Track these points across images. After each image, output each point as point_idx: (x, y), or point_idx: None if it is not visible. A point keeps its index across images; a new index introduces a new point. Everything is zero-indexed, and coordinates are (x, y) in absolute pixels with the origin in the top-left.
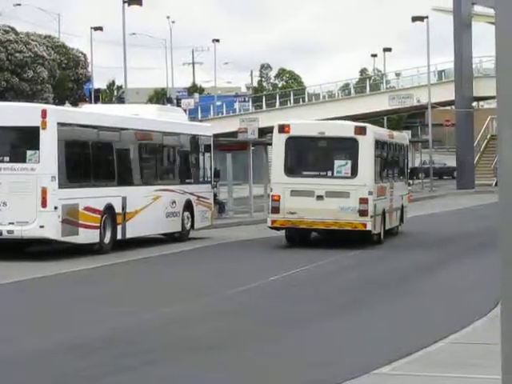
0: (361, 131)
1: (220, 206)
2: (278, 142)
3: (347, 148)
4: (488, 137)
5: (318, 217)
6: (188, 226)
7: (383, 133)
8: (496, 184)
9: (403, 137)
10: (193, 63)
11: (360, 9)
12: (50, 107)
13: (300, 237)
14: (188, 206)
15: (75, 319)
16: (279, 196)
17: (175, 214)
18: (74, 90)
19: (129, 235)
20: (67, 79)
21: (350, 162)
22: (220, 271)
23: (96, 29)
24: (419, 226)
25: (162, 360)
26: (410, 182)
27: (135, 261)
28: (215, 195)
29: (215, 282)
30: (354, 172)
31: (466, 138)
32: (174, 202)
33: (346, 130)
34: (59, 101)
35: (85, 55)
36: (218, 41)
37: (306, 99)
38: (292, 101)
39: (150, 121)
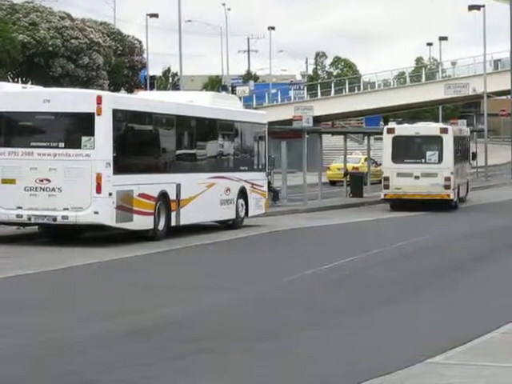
0: (444, 131)
1: (274, 194)
2: (387, 139)
3: (435, 143)
4: None
5: (416, 191)
6: (242, 213)
7: (458, 129)
8: None
9: (463, 128)
10: (248, 51)
11: None
12: (105, 93)
13: (400, 205)
14: (242, 194)
15: (132, 305)
16: (388, 177)
17: (229, 201)
18: (130, 77)
19: (183, 222)
20: (122, 66)
21: (437, 153)
22: (275, 259)
23: (152, 15)
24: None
25: (217, 347)
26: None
27: (189, 247)
28: (269, 183)
29: (268, 269)
30: (440, 159)
31: None
32: (229, 189)
33: (434, 130)
34: (114, 87)
35: (140, 42)
36: (273, 28)
37: (362, 87)
38: (347, 89)
39: (204, 108)
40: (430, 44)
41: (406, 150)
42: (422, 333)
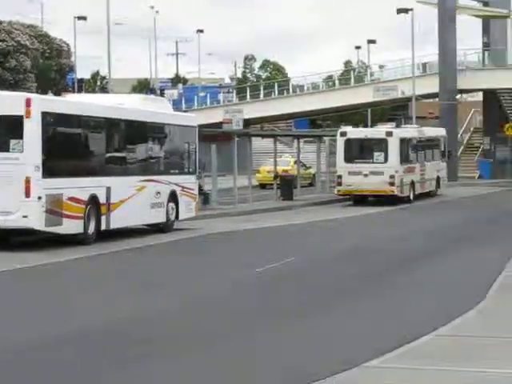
0: (389, 134)
1: (204, 197)
2: (340, 142)
3: (382, 144)
4: (471, 130)
5: (365, 187)
6: (172, 216)
7: (411, 131)
8: (479, 177)
9: (438, 131)
10: (176, 54)
11: (344, 0)
12: (34, 96)
13: (359, 200)
14: (173, 197)
15: (61, 310)
16: (341, 175)
17: (160, 204)
18: (57, 80)
19: (113, 226)
20: (50, 69)
21: (383, 153)
22: (207, 262)
23: (80, 18)
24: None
25: (157, 352)
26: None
27: (120, 251)
28: (200, 186)
29: (200, 273)
30: (386, 159)
31: (450, 131)
32: (159, 192)
33: (380, 133)
34: (42, 90)
35: (68, 45)
36: (201, 31)
37: (291, 91)
38: (276, 92)
39: (134, 111)
40: (358, 47)
41: (356, 151)
42: (358, 336)
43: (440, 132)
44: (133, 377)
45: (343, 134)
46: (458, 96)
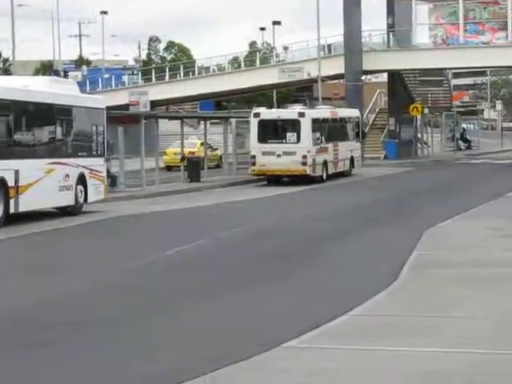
0: (301, 115)
1: (112, 180)
2: (253, 122)
3: (294, 125)
4: (377, 110)
5: (278, 167)
6: (81, 199)
7: (323, 112)
8: (385, 157)
9: (352, 112)
10: (80, 35)
11: None
12: None
13: (274, 180)
14: (81, 180)
15: None
16: (255, 155)
17: (68, 187)
18: None
19: (22, 209)
20: None
21: (295, 134)
22: (117, 245)
23: None
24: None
25: (61, 337)
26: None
27: (29, 235)
28: (107, 169)
29: (112, 255)
30: (298, 140)
31: None
32: (67, 175)
33: (293, 114)
34: None
35: None
36: (105, 13)
37: (196, 72)
38: (182, 74)
39: (41, 93)
40: (263, 29)
41: (269, 131)
42: (275, 317)
43: (354, 113)
44: (38, 361)
45: (257, 114)
46: (364, 77)
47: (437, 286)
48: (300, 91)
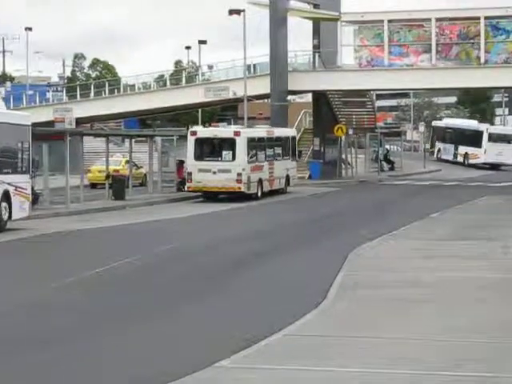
0: (237, 134)
1: (34, 197)
2: (190, 140)
3: (230, 143)
4: (302, 130)
5: (214, 184)
6: (5, 216)
7: (259, 131)
8: (309, 177)
9: (288, 131)
10: (3, 51)
11: (174, 0)
12: None
13: (211, 197)
14: (6, 197)
15: None
16: (191, 172)
17: None
18: None
19: None
20: None
21: (231, 152)
22: (43, 263)
23: None
24: None
25: None
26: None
27: None
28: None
29: (38, 274)
30: (234, 157)
31: None
32: None
33: (229, 133)
34: None
35: None
36: (30, 29)
37: (122, 90)
38: (107, 91)
39: None
40: (188, 47)
41: (206, 149)
42: (206, 337)
43: (290, 132)
44: None
45: (193, 133)
46: (289, 97)
47: (365, 306)
48: (225, 110)
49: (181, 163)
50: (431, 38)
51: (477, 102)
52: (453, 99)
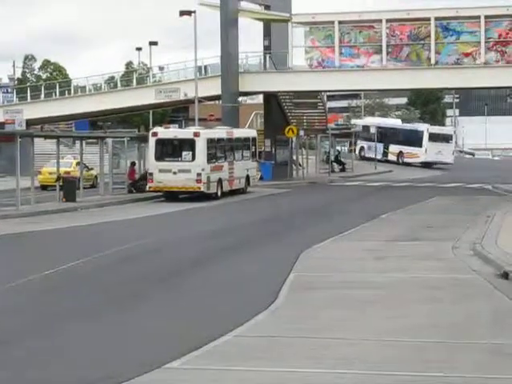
0: (196, 134)
1: None
2: (151, 141)
3: (190, 144)
4: None
5: (174, 184)
6: None
7: (219, 132)
8: (260, 178)
9: (248, 132)
10: None
11: (124, 1)
12: None
13: (172, 196)
14: None
15: None
16: (152, 172)
17: None
18: None
19: None
20: None
21: (191, 153)
22: None
23: None
24: None
25: None
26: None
27: None
28: None
29: None
30: (193, 158)
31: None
32: None
33: (189, 134)
34: None
35: None
36: None
37: (72, 91)
38: (58, 93)
39: None
40: (139, 49)
41: (166, 150)
42: (154, 338)
43: (250, 133)
44: None
45: (154, 134)
46: (240, 98)
47: (316, 307)
48: (176, 112)
49: (132, 165)
50: (382, 39)
51: (427, 102)
52: (403, 100)
